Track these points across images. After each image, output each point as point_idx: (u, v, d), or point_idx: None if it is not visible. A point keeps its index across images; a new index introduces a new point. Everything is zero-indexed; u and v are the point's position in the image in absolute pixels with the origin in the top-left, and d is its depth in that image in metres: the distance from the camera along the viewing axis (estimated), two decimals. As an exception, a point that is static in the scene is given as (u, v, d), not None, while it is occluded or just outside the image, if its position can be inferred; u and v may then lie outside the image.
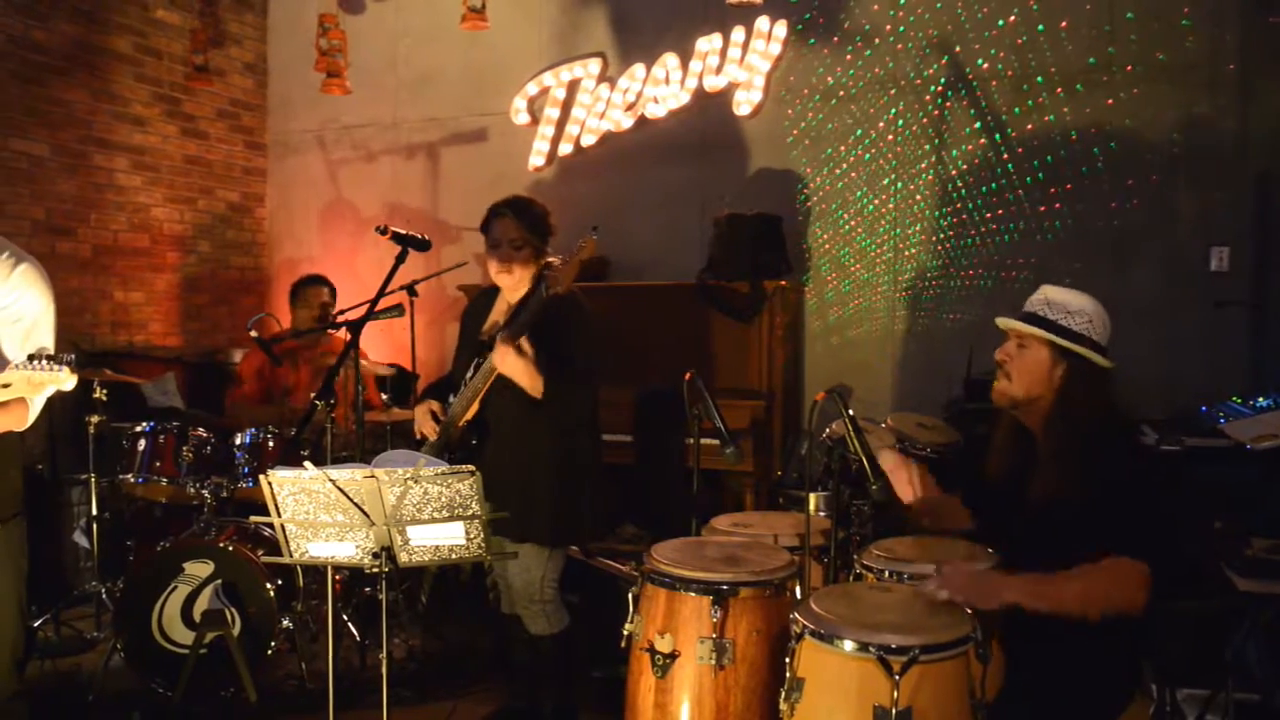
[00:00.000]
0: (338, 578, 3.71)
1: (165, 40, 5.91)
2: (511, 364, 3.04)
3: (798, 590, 2.65)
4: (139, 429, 4.03)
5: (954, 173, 5.06)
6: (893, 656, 2.09)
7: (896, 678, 2.07)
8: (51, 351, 2.45)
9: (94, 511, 4.35)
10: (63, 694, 3.81)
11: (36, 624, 4.14)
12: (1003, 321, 2.54)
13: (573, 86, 5.75)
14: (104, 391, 4.25)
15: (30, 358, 2.18)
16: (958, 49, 5.03)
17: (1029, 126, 4.91)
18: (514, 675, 3.54)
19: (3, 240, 2.47)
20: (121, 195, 5.70)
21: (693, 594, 2.51)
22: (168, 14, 5.92)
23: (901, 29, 5.12)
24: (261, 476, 2.50)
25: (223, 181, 6.38)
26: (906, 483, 2.74)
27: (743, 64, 5.34)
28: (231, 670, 3.43)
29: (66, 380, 2.21)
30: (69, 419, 4.71)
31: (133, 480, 4.01)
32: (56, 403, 4.54)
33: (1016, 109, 4.93)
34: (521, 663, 3.44)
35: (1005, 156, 4.95)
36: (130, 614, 3.69)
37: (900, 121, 5.14)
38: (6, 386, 2.16)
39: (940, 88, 5.06)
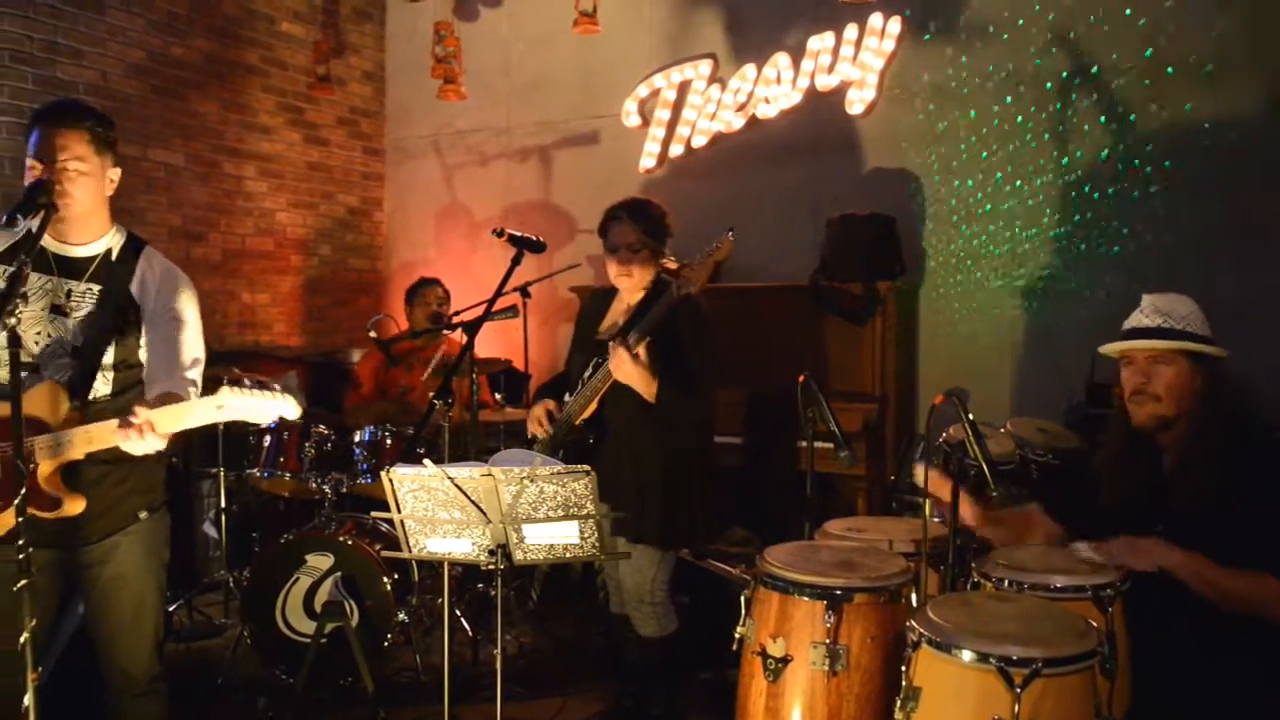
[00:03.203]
0: (452, 573, 3.78)
1: (290, 52, 6.14)
2: (627, 371, 3.05)
3: (914, 598, 2.59)
4: (264, 426, 4.19)
5: (1077, 170, 4.87)
6: (1014, 669, 2.02)
7: (1018, 691, 2.00)
8: (204, 359, 2.61)
9: (222, 504, 4.55)
10: (195, 675, 4.00)
11: (171, 609, 4.35)
12: (1131, 345, 2.48)
13: (683, 88, 5.76)
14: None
15: (242, 383, 2.30)
16: (1081, 40, 4.85)
17: (1159, 120, 4.69)
18: (623, 675, 3.56)
19: (159, 253, 2.64)
20: (249, 201, 5.95)
21: (806, 598, 2.48)
22: (292, 26, 6.15)
23: (1021, 21, 4.96)
24: (383, 473, 2.57)
25: (342, 186, 6.60)
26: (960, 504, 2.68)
27: (855, 62, 5.26)
28: (350, 660, 3.53)
29: (293, 409, 2.32)
30: (200, 415, 4.92)
31: (258, 474, 4.17)
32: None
33: (1145, 101, 4.72)
34: (631, 663, 3.45)
35: (1132, 152, 4.74)
36: (256, 603, 3.84)
37: (1020, 118, 4.98)
38: (221, 409, 2.28)
39: (1062, 82, 4.89)
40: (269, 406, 2.30)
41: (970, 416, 2.58)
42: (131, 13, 5.20)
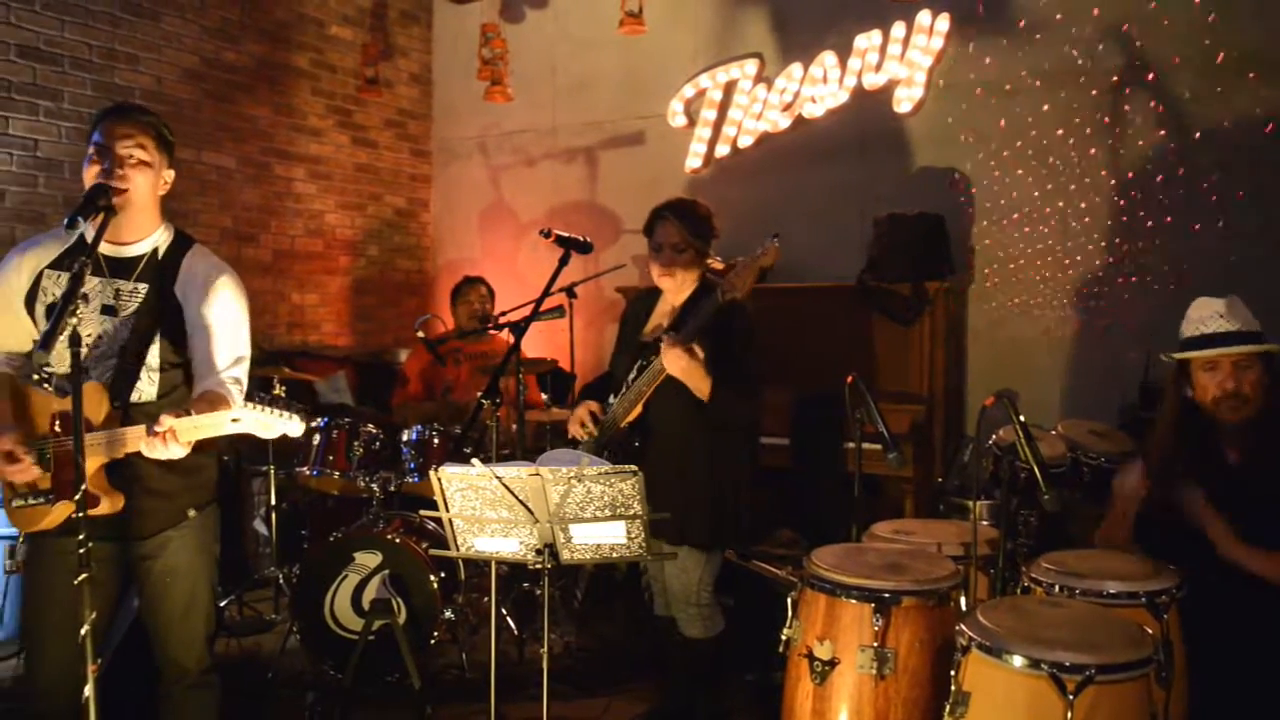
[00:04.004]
0: (499, 572, 3.80)
1: (339, 55, 6.22)
2: (683, 366, 3.03)
3: (963, 601, 2.56)
4: (314, 425, 4.21)
5: (1132, 167, 4.79)
6: (1066, 675, 2.00)
7: (1070, 698, 1.97)
8: (247, 355, 2.63)
9: (272, 501, 4.61)
10: (245, 670, 4.06)
11: (222, 604, 4.41)
12: (1226, 351, 2.57)
13: (729, 88, 5.74)
14: (282, 389, 4.47)
15: (262, 400, 2.34)
16: (1134, 34, 4.76)
17: (1216, 116, 4.59)
18: (668, 676, 3.56)
19: (207, 250, 2.66)
20: (299, 203, 6.03)
21: (854, 601, 2.47)
22: (341, 30, 6.23)
23: (1073, 16, 4.88)
24: (431, 472, 2.58)
25: (390, 188, 6.66)
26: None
27: (903, 60, 5.21)
28: (397, 657, 3.56)
29: (298, 427, 2.40)
30: (251, 414, 5.00)
31: (308, 473, 4.21)
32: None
33: (1201, 96, 4.62)
34: (676, 664, 3.44)
35: (1189, 149, 4.65)
36: (305, 599, 3.88)
37: (1071, 115, 4.90)
38: (236, 421, 2.33)
39: (1115, 77, 4.81)
40: (276, 424, 2.39)
41: (1021, 418, 2.56)
42: (186, 19, 5.30)
